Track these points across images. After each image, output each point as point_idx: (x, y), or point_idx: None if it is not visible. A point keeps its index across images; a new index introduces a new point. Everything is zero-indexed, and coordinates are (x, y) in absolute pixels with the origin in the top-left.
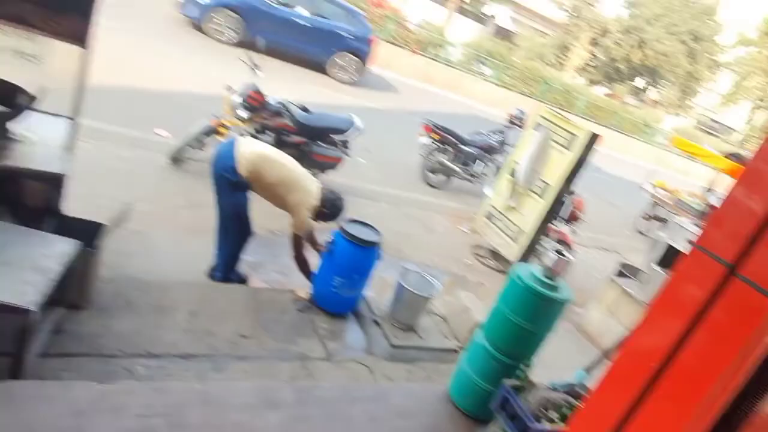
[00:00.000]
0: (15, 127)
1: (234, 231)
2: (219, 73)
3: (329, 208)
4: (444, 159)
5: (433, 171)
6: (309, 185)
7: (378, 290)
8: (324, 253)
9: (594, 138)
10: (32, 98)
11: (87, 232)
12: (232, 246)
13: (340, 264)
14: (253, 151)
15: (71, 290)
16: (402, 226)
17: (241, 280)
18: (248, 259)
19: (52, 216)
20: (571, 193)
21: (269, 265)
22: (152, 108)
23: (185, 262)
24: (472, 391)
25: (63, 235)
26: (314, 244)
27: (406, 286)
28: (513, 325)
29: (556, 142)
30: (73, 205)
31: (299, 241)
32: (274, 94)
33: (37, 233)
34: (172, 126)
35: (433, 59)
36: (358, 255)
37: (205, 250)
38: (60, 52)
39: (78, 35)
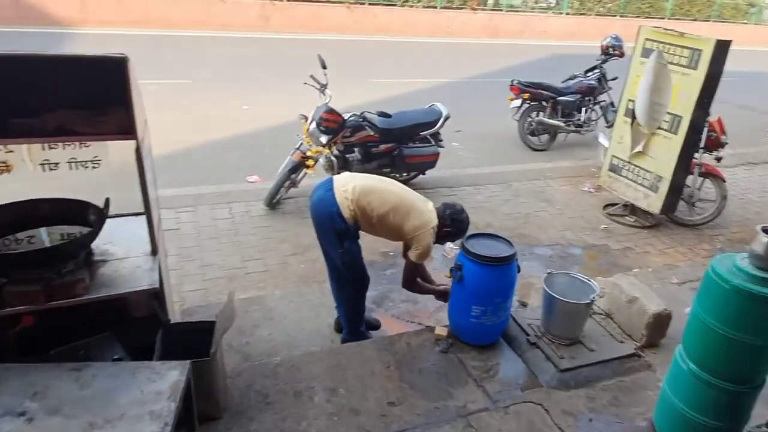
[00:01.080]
0: (96, 245)
1: (349, 284)
2: (291, 102)
3: (452, 225)
4: (543, 117)
5: (533, 133)
6: (423, 205)
7: (521, 292)
8: (454, 282)
9: (723, 46)
10: (103, 209)
11: (200, 332)
12: (351, 301)
13: (474, 291)
14: (353, 187)
15: (200, 404)
16: (518, 206)
17: (373, 326)
18: (370, 293)
19: (159, 323)
20: (707, 115)
21: (394, 294)
22: (239, 155)
23: (309, 322)
24: (687, 427)
25: (174, 344)
26: (426, 278)
27: (557, 296)
28: (724, 339)
29: (676, 64)
30: (187, 286)
31: (416, 272)
32: (349, 107)
33: (143, 367)
34: (261, 168)
35: (495, 10)
36: (493, 277)
37: (324, 299)
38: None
39: (125, 128)
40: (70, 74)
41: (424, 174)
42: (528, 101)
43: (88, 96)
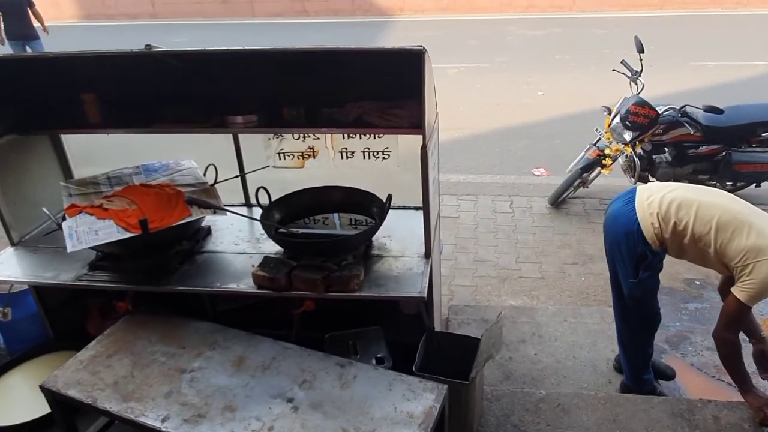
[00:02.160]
0: (376, 238)
1: (634, 322)
2: (592, 89)
3: None
4: None
5: None
6: (764, 223)
7: None
8: None
9: None
10: (386, 204)
11: (463, 346)
12: (635, 341)
13: None
14: (662, 198)
15: (452, 425)
16: None
17: (665, 376)
18: (666, 331)
19: (423, 328)
20: None
21: (697, 336)
22: (528, 144)
23: (583, 350)
24: None
25: (435, 353)
26: (753, 331)
27: None
28: None
29: None
30: (459, 280)
31: (741, 319)
32: (663, 98)
33: (400, 381)
34: (549, 160)
35: None
36: None
37: (606, 326)
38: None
39: (415, 122)
40: (371, 66)
41: (758, 186)
42: None
43: (385, 88)
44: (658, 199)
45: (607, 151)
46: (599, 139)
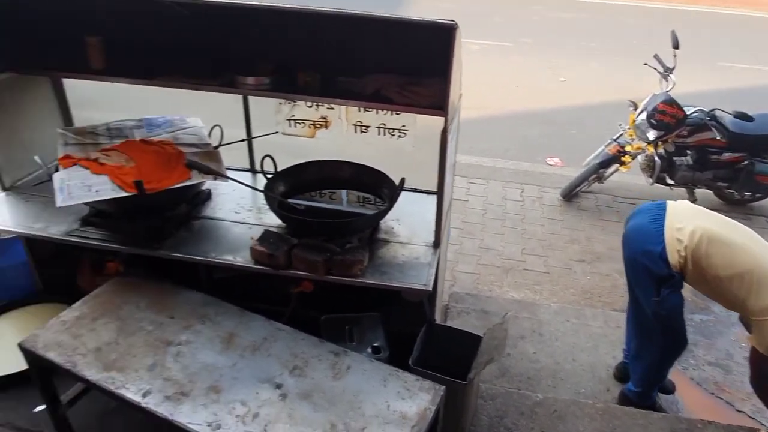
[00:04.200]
0: (384, 220)
1: (658, 342)
2: (616, 80)
3: None
4: None
5: None
6: None
7: None
8: None
9: None
10: (398, 187)
11: (463, 342)
12: (654, 362)
13: None
14: (694, 230)
15: (444, 425)
16: None
17: (664, 389)
18: None
19: (425, 319)
20: None
21: (700, 350)
22: (544, 132)
23: (583, 354)
24: None
25: (434, 346)
26: None
27: None
28: None
29: None
30: (462, 266)
31: (766, 363)
32: (688, 97)
33: (395, 377)
34: (564, 149)
35: None
36: None
37: (609, 331)
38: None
39: (437, 103)
40: (394, 37)
41: None
42: None
43: (407, 62)
44: (690, 231)
45: (627, 148)
46: (621, 134)
